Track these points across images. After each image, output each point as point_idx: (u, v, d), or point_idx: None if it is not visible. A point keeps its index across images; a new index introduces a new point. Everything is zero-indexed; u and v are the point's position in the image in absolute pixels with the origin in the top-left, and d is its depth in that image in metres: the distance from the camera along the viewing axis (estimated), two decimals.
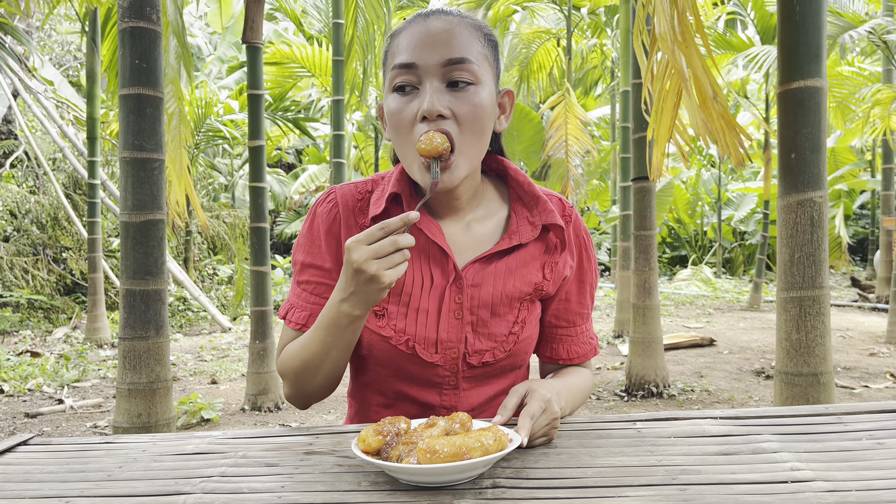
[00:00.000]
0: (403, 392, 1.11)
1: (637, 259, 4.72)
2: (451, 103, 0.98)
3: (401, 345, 1.06)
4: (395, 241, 0.88)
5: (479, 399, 1.12)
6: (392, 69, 1.00)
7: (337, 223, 1.10)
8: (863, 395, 4.53)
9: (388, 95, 1.02)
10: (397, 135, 1.02)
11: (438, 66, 0.98)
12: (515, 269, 1.10)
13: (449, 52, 0.98)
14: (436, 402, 1.10)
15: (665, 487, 0.78)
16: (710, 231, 15.66)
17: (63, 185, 9.76)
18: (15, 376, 5.53)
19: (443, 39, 0.98)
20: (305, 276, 1.11)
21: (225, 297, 9.84)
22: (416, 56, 0.98)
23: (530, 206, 1.12)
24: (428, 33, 0.99)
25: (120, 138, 2.66)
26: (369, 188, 1.13)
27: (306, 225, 1.13)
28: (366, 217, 1.10)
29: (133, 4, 2.61)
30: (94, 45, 6.86)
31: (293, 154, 17.62)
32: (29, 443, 1.06)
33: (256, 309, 4.73)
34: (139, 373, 2.62)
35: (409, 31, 1.01)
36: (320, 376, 1.05)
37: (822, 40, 2.43)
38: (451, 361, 1.07)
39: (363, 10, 6.17)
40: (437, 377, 1.09)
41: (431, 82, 0.98)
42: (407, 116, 0.99)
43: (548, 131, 8.29)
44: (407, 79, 0.99)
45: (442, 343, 1.06)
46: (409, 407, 1.12)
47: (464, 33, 1.00)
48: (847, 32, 6.80)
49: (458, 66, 0.98)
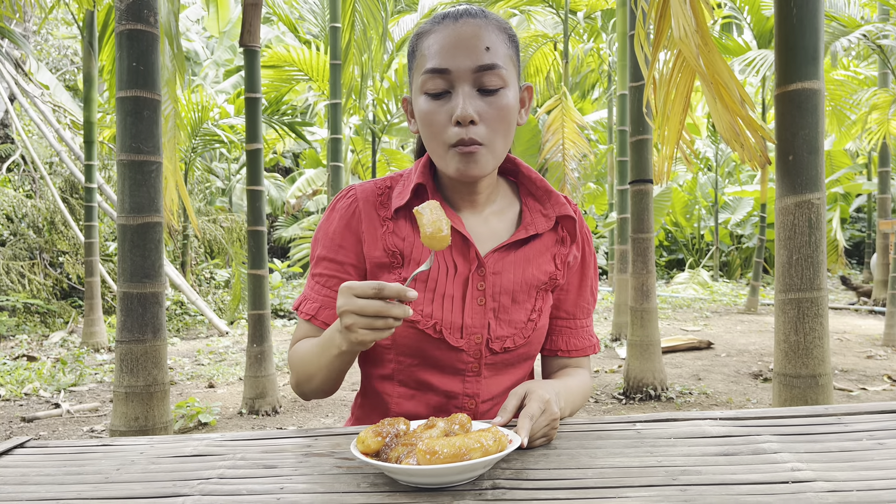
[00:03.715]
0: (426, 381, 1.12)
1: (635, 262, 4.72)
2: (481, 108, 1.03)
3: (428, 329, 1.08)
4: (381, 309, 0.88)
5: (498, 388, 1.15)
6: (424, 73, 1.04)
7: (357, 218, 1.14)
8: (860, 398, 4.53)
9: (420, 97, 1.06)
10: (429, 133, 1.06)
11: (470, 71, 1.02)
12: (532, 259, 1.14)
13: (480, 57, 1.02)
14: (458, 390, 1.12)
15: (665, 488, 0.77)
16: (708, 234, 15.69)
17: (60, 188, 9.74)
18: (11, 380, 5.51)
19: (473, 45, 1.02)
20: (319, 269, 1.15)
21: (222, 301, 9.83)
22: (448, 62, 1.02)
23: (542, 200, 1.18)
24: (459, 38, 1.02)
25: (117, 141, 2.65)
26: (388, 184, 1.17)
27: (324, 219, 1.17)
28: (388, 210, 1.14)
29: (131, 7, 2.61)
30: (90, 49, 6.85)
31: (290, 158, 17.62)
32: (26, 446, 1.05)
33: (254, 312, 4.72)
34: (136, 376, 2.61)
35: (440, 33, 1.04)
36: (315, 383, 1.09)
37: (820, 43, 2.43)
38: (475, 347, 1.10)
39: (360, 14, 6.18)
40: (462, 363, 1.11)
41: (463, 87, 1.02)
42: (440, 119, 1.04)
43: (544, 135, 8.30)
44: (439, 84, 1.03)
45: (467, 328, 1.10)
46: (431, 396, 1.13)
47: (492, 37, 1.03)
48: (839, 40, 6.82)
49: (489, 72, 1.02)
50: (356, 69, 6.41)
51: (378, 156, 12.47)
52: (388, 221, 1.13)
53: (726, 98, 2.55)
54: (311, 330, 1.13)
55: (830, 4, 8.28)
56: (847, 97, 8.37)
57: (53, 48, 13.48)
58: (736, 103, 2.54)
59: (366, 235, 1.13)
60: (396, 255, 1.11)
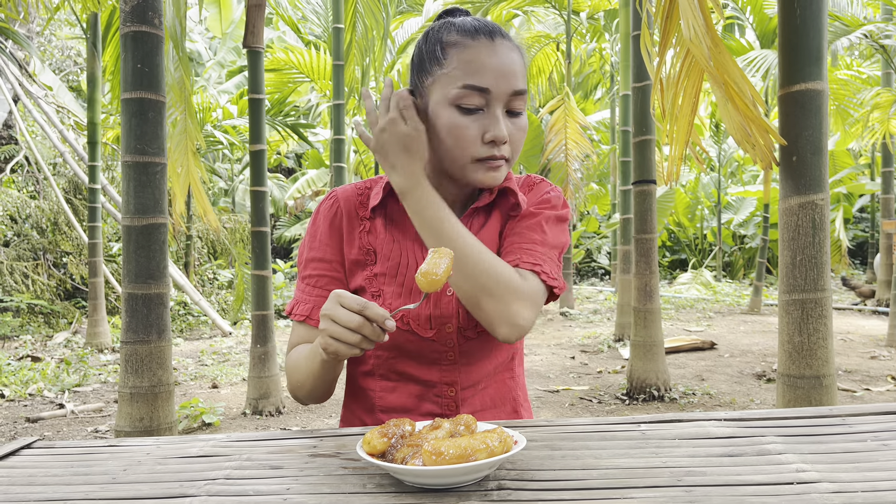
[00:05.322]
0: (406, 372, 1.14)
1: (638, 262, 4.72)
2: (509, 129, 1.09)
3: (396, 322, 1.10)
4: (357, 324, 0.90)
5: (478, 374, 1.16)
6: (462, 87, 1.06)
7: (339, 217, 1.17)
8: (864, 398, 4.53)
9: (449, 108, 1.07)
10: (455, 145, 1.08)
11: (507, 94, 1.07)
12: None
13: (517, 83, 1.08)
14: (437, 379, 1.14)
15: (670, 489, 0.78)
16: (710, 235, 15.67)
17: (63, 189, 9.77)
18: (16, 381, 5.53)
19: (513, 71, 1.08)
20: (308, 271, 1.17)
21: (225, 302, 9.84)
22: (489, 82, 1.06)
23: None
24: (501, 62, 1.07)
25: (122, 142, 2.66)
26: (368, 185, 1.21)
27: (311, 224, 1.21)
28: (366, 210, 1.17)
29: (136, 9, 2.62)
30: (94, 49, 6.87)
31: (293, 158, 17.64)
32: (32, 446, 1.06)
33: (257, 313, 4.72)
34: (141, 377, 2.62)
35: (479, 50, 1.07)
36: (306, 390, 1.11)
37: (823, 43, 2.43)
38: (446, 336, 1.12)
39: (362, 16, 6.19)
40: (435, 353, 1.13)
41: (498, 109, 1.08)
42: (471, 134, 1.07)
43: (547, 135, 8.30)
44: (476, 101, 1.07)
45: (435, 319, 1.11)
46: (412, 387, 1.15)
47: (520, 62, 1.10)
48: (839, 39, 6.81)
49: (519, 98, 1.09)
50: (358, 70, 6.41)
51: None
52: (365, 221, 1.17)
53: (737, 100, 2.55)
54: (307, 331, 1.15)
55: (833, 4, 8.27)
56: (851, 97, 8.35)
57: (57, 49, 13.51)
58: (748, 105, 2.54)
59: (346, 234, 1.16)
60: (370, 253, 1.15)
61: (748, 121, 2.57)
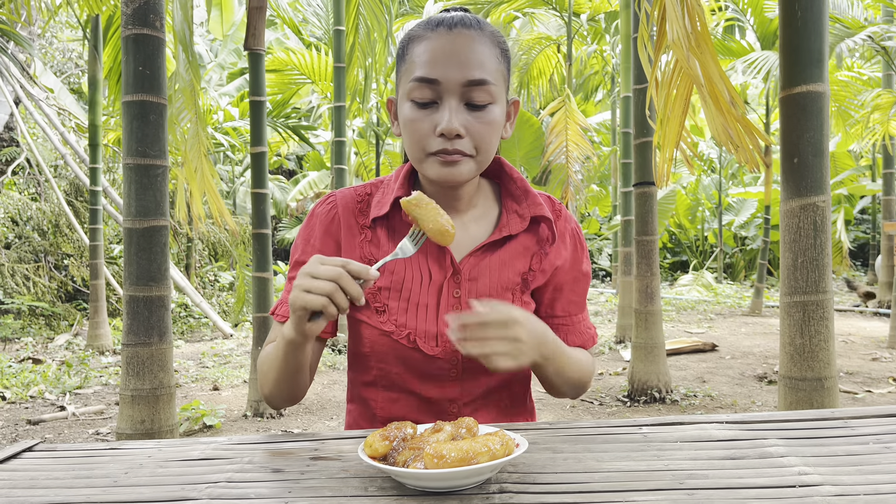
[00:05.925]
0: (408, 387, 1.13)
1: (639, 264, 4.71)
2: (467, 122, 1.02)
3: (402, 339, 1.08)
4: (336, 274, 0.89)
5: (479, 389, 1.14)
6: (412, 80, 1.02)
7: (336, 223, 1.14)
8: (866, 400, 4.52)
9: (406, 103, 1.04)
10: (411, 140, 1.05)
11: (459, 85, 1.01)
12: (508, 262, 1.13)
13: (470, 72, 1.00)
14: (439, 395, 1.13)
15: (673, 492, 0.78)
16: (711, 236, 15.65)
17: (65, 191, 9.78)
18: (17, 383, 5.53)
19: (465, 58, 1.00)
20: (295, 273, 1.15)
21: (226, 304, 9.84)
22: (438, 73, 1.00)
23: (520, 200, 1.16)
24: (452, 49, 1.01)
25: (123, 145, 2.66)
26: (368, 191, 1.17)
27: (304, 226, 1.17)
28: (366, 218, 1.13)
29: (137, 12, 2.62)
30: (95, 52, 6.87)
31: (294, 160, 17.64)
32: (34, 449, 1.06)
33: (258, 315, 4.72)
34: (142, 379, 2.62)
35: (433, 41, 1.02)
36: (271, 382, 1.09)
37: (824, 45, 2.43)
38: (450, 354, 1.10)
39: (364, 17, 6.19)
40: (439, 369, 1.11)
41: (451, 101, 1.01)
42: (424, 128, 1.03)
43: (548, 137, 8.29)
44: (426, 94, 1.02)
45: (441, 336, 1.09)
46: (413, 400, 1.14)
47: (485, 51, 1.02)
48: (843, 41, 6.81)
49: (478, 88, 1.01)
50: (360, 72, 6.42)
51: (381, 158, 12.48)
52: (366, 230, 1.13)
53: (720, 100, 2.55)
54: None
55: (834, 6, 8.27)
56: (852, 98, 8.36)
57: (58, 51, 13.53)
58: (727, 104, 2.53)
59: (344, 242, 1.13)
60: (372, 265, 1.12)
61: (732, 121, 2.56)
